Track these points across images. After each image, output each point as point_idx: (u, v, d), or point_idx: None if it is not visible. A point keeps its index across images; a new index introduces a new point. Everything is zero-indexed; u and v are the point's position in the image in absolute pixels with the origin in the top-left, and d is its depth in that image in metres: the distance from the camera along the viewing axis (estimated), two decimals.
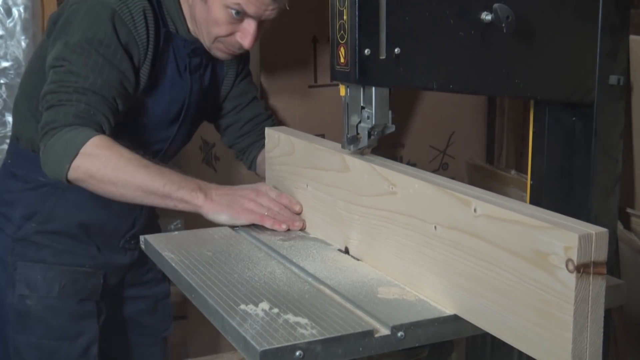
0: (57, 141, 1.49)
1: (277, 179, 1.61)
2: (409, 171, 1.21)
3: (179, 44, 1.69)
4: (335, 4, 1.20)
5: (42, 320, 1.74)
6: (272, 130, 1.62)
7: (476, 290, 1.04)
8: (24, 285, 1.73)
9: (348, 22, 1.18)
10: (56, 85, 1.54)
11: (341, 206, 1.36)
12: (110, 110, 1.55)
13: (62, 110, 1.51)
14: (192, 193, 1.47)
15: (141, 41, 1.60)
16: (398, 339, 1.03)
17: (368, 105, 1.24)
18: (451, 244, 1.08)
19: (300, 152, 1.50)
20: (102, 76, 1.55)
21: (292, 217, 1.51)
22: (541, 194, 1.43)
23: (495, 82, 1.29)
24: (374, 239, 1.27)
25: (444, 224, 1.09)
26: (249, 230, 1.48)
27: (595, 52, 1.34)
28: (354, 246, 1.33)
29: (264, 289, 1.17)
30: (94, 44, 1.55)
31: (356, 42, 1.17)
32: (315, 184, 1.45)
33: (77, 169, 1.47)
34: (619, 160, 1.41)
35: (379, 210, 1.25)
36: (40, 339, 1.75)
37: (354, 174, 1.31)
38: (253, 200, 1.51)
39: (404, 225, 1.18)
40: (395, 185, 1.20)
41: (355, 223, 1.32)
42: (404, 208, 1.18)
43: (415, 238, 1.16)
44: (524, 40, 1.27)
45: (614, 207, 1.42)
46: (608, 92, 1.36)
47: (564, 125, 1.40)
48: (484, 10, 1.22)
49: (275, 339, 0.98)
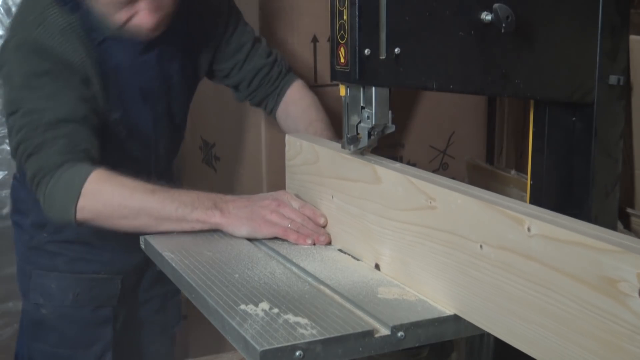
0: (54, 186, 1.43)
1: (298, 189, 1.52)
2: (449, 184, 1.12)
3: (127, 46, 1.56)
4: (335, 4, 1.20)
5: (57, 329, 1.73)
6: (293, 137, 1.53)
7: (529, 316, 0.95)
8: (38, 294, 1.73)
9: (348, 22, 1.17)
10: (23, 132, 1.46)
11: (371, 220, 1.27)
12: (88, 133, 1.48)
13: (43, 155, 1.44)
14: (207, 212, 1.39)
15: (79, 56, 1.51)
16: (398, 339, 1.03)
17: (368, 105, 1.24)
18: (500, 266, 0.99)
19: (325, 161, 1.42)
20: (63, 101, 1.47)
21: (317, 230, 1.40)
22: (541, 194, 1.43)
23: (495, 82, 1.29)
24: (409, 256, 1.18)
25: (492, 243, 1.00)
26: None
27: (595, 52, 1.34)
28: (386, 263, 1.24)
29: (264, 289, 1.17)
30: (32, 77, 1.48)
31: (356, 42, 1.17)
32: (342, 196, 1.36)
33: (83, 210, 1.41)
34: (619, 160, 1.41)
35: (415, 225, 1.16)
36: (54, 347, 1.74)
37: (386, 185, 1.23)
38: (275, 211, 1.41)
39: (445, 243, 1.09)
40: (435, 200, 1.11)
41: (388, 238, 1.23)
42: (444, 224, 1.09)
43: (457, 257, 1.07)
44: (524, 40, 1.27)
45: (614, 207, 1.42)
46: (608, 92, 1.36)
47: (564, 125, 1.40)
48: (483, 10, 1.22)
49: (275, 339, 0.98)
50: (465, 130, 2.67)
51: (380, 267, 1.26)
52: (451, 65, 1.24)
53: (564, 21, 1.32)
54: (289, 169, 1.56)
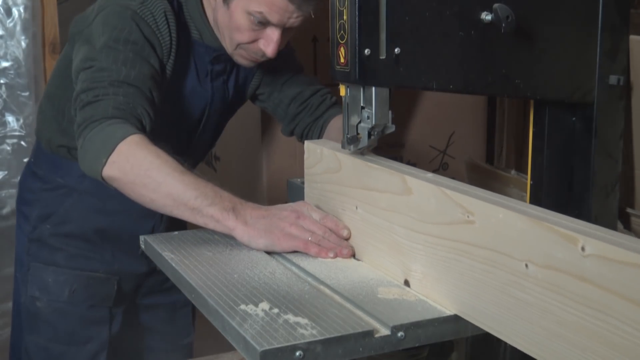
0: (97, 134, 1.41)
1: (319, 199, 1.44)
2: (489, 197, 1.04)
3: (201, 51, 1.65)
4: (335, 4, 1.20)
5: (51, 324, 1.73)
6: (313, 144, 1.45)
7: (582, 343, 0.88)
8: (35, 286, 1.73)
9: (348, 22, 1.17)
10: (88, 83, 1.48)
11: (400, 233, 1.19)
12: (148, 103, 1.49)
13: (100, 105, 1.44)
14: (223, 212, 1.33)
15: (164, 42, 1.56)
16: (398, 339, 1.03)
17: (368, 105, 1.24)
18: (548, 287, 0.91)
19: (349, 170, 1.33)
20: (134, 69, 1.49)
21: (340, 243, 1.33)
22: (541, 194, 1.43)
23: (495, 82, 1.29)
24: (443, 273, 1.10)
25: (539, 262, 0.92)
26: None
27: (595, 52, 1.34)
28: (417, 279, 1.17)
29: (264, 289, 1.17)
30: (120, 42, 1.51)
31: (356, 42, 1.17)
32: (367, 207, 1.28)
33: (113, 165, 1.38)
34: (619, 160, 1.41)
35: (450, 240, 1.08)
36: (47, 341, 1.74)
37: (417, 197, 1.15)
38: (294, 224, 1.34)
39: (484, 261, 1.01)
40: (473, 214, 1.03)
41: (419, 254, 1.15)
42: (483, 240, 1.01)
43: (498, 276, 0.99)
44: (524, 40, 1.27)
45: (614, 207, 1.42)
46: (608, 92, 1.36)
47: (564, 125, 1.40)
48: (483, 10, 1.22)
49: (276, 339, 0.98)
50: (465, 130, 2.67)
51: (410, 283, 1.18)
52: (451, 65, 1.24)
53: (564, 21, 1.32)
54: (309, 177, 1.48)
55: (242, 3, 1.52)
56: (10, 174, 2.42)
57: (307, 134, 1.81)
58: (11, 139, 2.29)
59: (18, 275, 1.80)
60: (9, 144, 2.28)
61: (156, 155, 1.38)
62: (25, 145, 2.36)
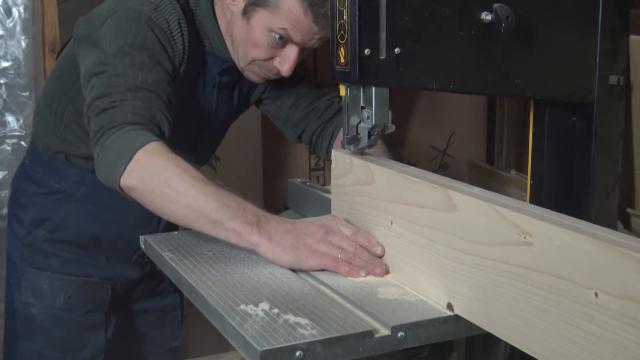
0: (115, 141, 1.34)
1: (348, 212, 1.34)
2: (549, 216, 0.94)
3: (210, 61, 1.61)
4: (335, 4, 1.20)
5: (46, 330, 1.71)
6: (342, 153, 1.34)
7: None
8: (29, 293, 1.70)
9: (348, 22, 1.17)
10: (104, 88, 1.41)
11: (443, 253, 1.10)
12: (166, 108, 1.43)
13: (118, 111, 1.37)
14: (246, 226, 1.25)
15: (178, 50, 1.52)
16: (398, 339, 1.03)
17: (368, 105, 1.24)
18: (624, 319, 0.82)
19: (383, 183, 1.23)
20: (151, 74, 1.44)
21: (372, 261, 1.23)
22: (541, 194, 1.43)
23: (495, 82, 1.29)
24: (494, 298, 1.01)
25: (611, 291, 0.83)
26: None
27: (595, 52, 1.34)
28: (462, 303, 1.07)
29: (264, 289, 1.17)
30: (135, 47, 1.45)
31: (356, 42, 1.17)
32: (405, 223, 1.18)
33: (131, 174, 1.31)
34: (619, 160, 1.41)
35: (502, 263, 0.99)
36: (42, 348, 1.71)
37: (464, 214, 1.05)
38: (322, 240, 1.25)
39: (544, 287, 0.92)
40: (531, 235, 0.94)
41: (465, 276, 1.06)
42: (543, 264, 0.92)
43: (562, 305, 0.90)
44: (524, 40, 1.27)
45: (614, 207, 1.42)
46: (608, 92, 1.36)
47: (564, 125, 1.40)
48: (484, 10, 1.22)
49: (276, 339, 0.98)
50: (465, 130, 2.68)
51: (453, 307, 1.09)
52: (451, 65, 1.24)
53: (564, 21, 1.32)
54: (336, 189, 1.37)
55: (264, 19, 1.48)
56: (10, 174, 2.41)
57: (317, 140, 1.77)
58: (11, 139, 2.29)
59: (11, 280, 1.76)
60: (9, 144, 2.28)
61: (176, 163, 1.31)
62: (25, 145, 2.36)
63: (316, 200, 1.63)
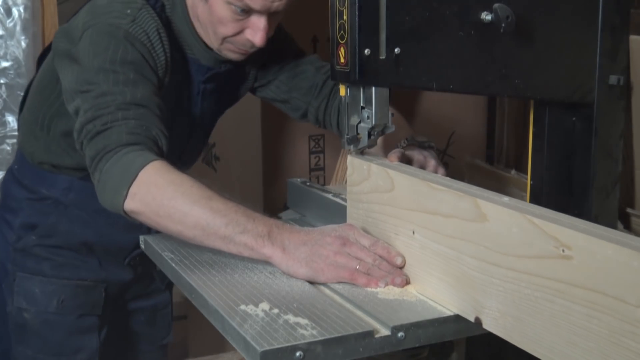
0: (114, 165, 1.30)
1: (365, 220, 1.29)
2: (590, 229, 0.90)
3: (193, 69, 1.58)
4: (335, 4, 1.20)
5: (39, 335, 1.69)
6: (359, 159, 1.30)
7: None
8: (22, 297, 1.68)
9: (348, 22, 1.17)
10: (93, 111, 1.36)
11: (471, 265, 1.05)
12: (160, 121, 1.39)
13: (112, 133, 1.33)
14: (258, 239, 1.22)
15: (160, 61, 1.48)
16: (398, 339, 1.03)
17: (368, 105, 1.24)
18: None
19: (404, 190, 1.19)
20: (138, 89, 1.39)
21: (392, 272, 1.19)
22: (541, 194, 1.43)
23: (495, 82, 1.29)
24: (528, 314, 0.96)
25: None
26: None
27: (595, 52, 1.34)
28: (492, 318, 1.02)
29: (264, 289, 1.17)
30: (117, 62, 1.41)
31: (356, 42, 1.17)
32: (427, 232, 1.13)
33: (134, 198, 1.27)
34: (619, 160, 1.41)
35: (538, 277, 0.94)
36: (36, 353, 1.69)
37: (495, 225, 1.00)
38: (339, 252, 1.21)
39: (586, 304, 0.87)
40: (570, 248, 0.89)
41: (495, 289, 1.01)
42: (585, 280, 0.87)
43: (606, 323, 0.85)
44: (524, 40, 1.27)
45: (614, 207, 1.42)
46: (608, 92, 1.36)
47: (564, 125, 1.40)
48: (483, 10, 1.22)
49: (276, 340, 0.98)
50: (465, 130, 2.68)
51: (482, 321, 1.04)
52: (451, 65, 1.24)
53: (564, 21, 1.32)
54: (353, 196, 1.33)
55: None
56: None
57: (324, 118, 1.71)
58: (11, 139, 2.28)
59: (3, 285, 1.74)
60: (9, 144, 2.28)
61: (179, 181, 1.28)
62: None
63: (316, 200, 1.63)
